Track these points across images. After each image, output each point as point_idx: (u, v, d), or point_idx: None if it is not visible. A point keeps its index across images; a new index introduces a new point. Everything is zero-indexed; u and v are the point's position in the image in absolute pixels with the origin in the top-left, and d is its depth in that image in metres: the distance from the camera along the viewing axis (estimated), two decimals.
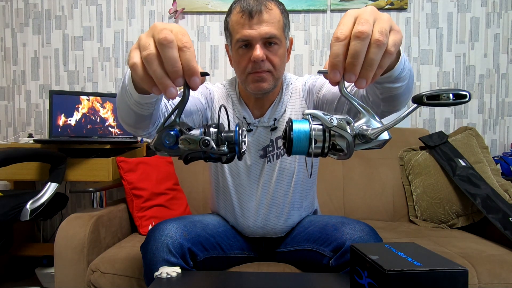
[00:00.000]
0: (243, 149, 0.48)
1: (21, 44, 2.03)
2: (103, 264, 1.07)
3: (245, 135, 0.49)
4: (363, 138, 0.45)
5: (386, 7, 1.91)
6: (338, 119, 0.44)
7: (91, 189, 1.40)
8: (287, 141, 0.46)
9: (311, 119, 0.46)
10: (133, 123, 0.66)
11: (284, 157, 0.97)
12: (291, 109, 0.96)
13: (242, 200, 1.00)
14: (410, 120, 1.95)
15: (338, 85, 0.45)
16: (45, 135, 2.03)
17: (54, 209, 1.46)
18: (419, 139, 1.66)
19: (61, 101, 1.70)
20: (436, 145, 1.58)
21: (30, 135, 1.81)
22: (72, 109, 1.71)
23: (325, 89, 0.89)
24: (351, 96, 0.47)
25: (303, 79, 0.99)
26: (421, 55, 1.96)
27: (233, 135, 0.47)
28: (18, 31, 2.03)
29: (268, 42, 0.84)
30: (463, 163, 1.46)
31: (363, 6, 1.56)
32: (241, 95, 0.98)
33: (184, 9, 1.95)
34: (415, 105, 0.45)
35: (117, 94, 0.64)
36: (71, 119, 1.71)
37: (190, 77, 0.43)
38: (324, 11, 1.96)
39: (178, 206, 1.49)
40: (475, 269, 1.02)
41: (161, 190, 1.45)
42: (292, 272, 0.98)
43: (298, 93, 0.98)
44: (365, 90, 0.71)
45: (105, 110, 1.77)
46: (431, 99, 0.43)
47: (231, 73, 2.00)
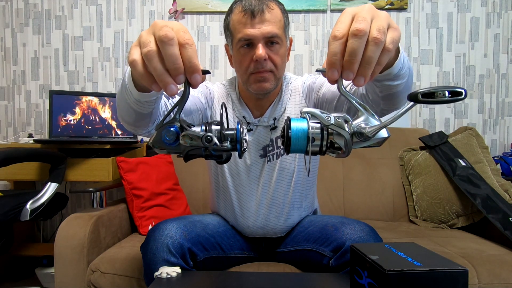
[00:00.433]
0: (244, 147, 0.48)
1: (21, 44, 2.04)
2: (103, 264, 1.07)
3: (246, 133, 0.49)
4: (361, 136, 0.45)
5: (386, 7, 1.91)
6: (335, 117, 0.45)
7: (91, 189, 1.40)
8: (285, 139, 0.46)
9: (309, 118, 0.46)
10: (132, 121, 0.66)
11: (284, 156, 0.96)
12: (291, 109, 0.96)
13: (242, 200, 1.00)
14: (410, 120, 1.95)
15: (336, 84, 0.45)
16: (45, 135, 2.03)
17: (54, 209, 1.46)
18: (419, 139, 1.66)
19: (61, 101, 1.70)
20: (436, 145, 1.58)
21: (30, 135, 1.81)
22: (72, 109, 1.71)
23: (325, 88, 0.89)
24: (350, 94, 0.47)
25: (302, 79, 0.99)
26: (421, 55, 1.96)
27: (235, 132, 0.47)
28: (18, 31, 2.03)
29: (270, 41, 0.84)
30: (463, 163, 1.46)
31: None
32: (241, 94, 0.98)
33: (184, 9, 1.95)
34: (411, 103, 0.45)
35: (117, 92, 0.64)
36: (71, 119, 1.71)
37: (191, 74, 0.43)
38: (324, 11, 1.96)
39: (178, 206, 1.49)
40: (475, 269, 1.02)
41: (161, 190, 1.45)
42: (292, 272, 0.98)
43: (297, 92, 0.98)
44: (365, 88, 0.71)
45: (105, 110, 1.77)
46: (427, 97, 0.43)
47: (231, 73, 2.00)
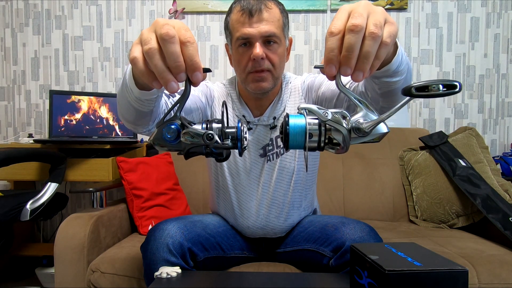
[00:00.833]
0: (244, 145, 0.49)
1: (21, 44, 2.04)
2: (103, 264, 1.07)
3: (246, 131, 0.50)
4: (358, 131, 0.45)
5: (386, 7, 1.91)
6: (333, 113, 0.45)
7: (91, 189, 1.40)
8: (284, 135, 0.47)
9: (306, 114, 0.46)
10: (133, 119, 0.66)
11: (283, 156, 0.97)
12: (291, 108, 0.96)
13: (241, 200, 1.00)
14: (410, 120, 1.95)
15: (334, 80, 0.46)
16: (45, 135, 2.03)
17: (54, 209, 1.46)
18: (419, 139, 1.66)
19: (61, 101, 1.70)
20: (436, 145, 1.58)
21: (30, 135, 1.81)
22: (72, 109, 1.71)
23: (324, 86, 0.89)
24: (348, 90, 0.47)
25: (302, 78, 1.00)
26: (421, 55, 1.96)
27: (236, 130, 0.47)
28: (18, 31, 2.03)
29: (267, 40, 0.84)
30: (463, 163, 1.46)
31: None
32: (240, 94, 0.98)
33: (184, 9, 1.95)
34: (407, 98, 0.45)
35: (118, 90, 0.64)
36: (71, 119, 1.71)
37: (192, 72, 0.43)
38: (324, 11, 1.96)
39: (178, 206, 1.49)
40: (475, 269, 1.02)
41: (161, 190, 1.45)
42: (292, 272, 0.98)
43: (297, 91, 0.98)
44: (364, 86, 0.71)
45: (105, 110, 1.77)
46: (421, 90, 0.43)
47: (231, 73, 2.00)
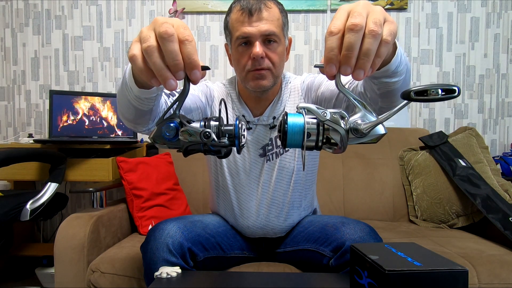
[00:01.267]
0: (242, 143, 0.49)
1: (21, 44, 2.03)
2: (103, 264, 1.07)
3: (244, 129, 0.50)
4: (356, 132, 0.45)
5: (386, 7, 1.91)
6: (331, 113, 0.45)
7: (91, 189, 1.40)
8: (282, 133, 0.47)
9: (305, 113, 0.46)
10: (133, 118, 0.66)
11: (283, 155, 0.97)
12: (290, 108, 0.97)
13: (241, 200, 1.00)
14: (410, 120, 1.95)
15: (334, 79, 0.46)
16: (45, 135, 2.03)
17: (54, 209, 1.46)
18: (419, 139, 1.66)
19: (61, 101, 1.70)
20: (436, 145, 1.58)
21: (30, 135, 1.81)
22: (72, 109, 1.71)
23: (324, 86, 0.89)
24: (347, 90, 0.47)
25: (301, 78, 1.00)
26: (421, 55, 1.96)
27: (233, 128, 0.48)
28: (18, 31, 2.03)
29: (267, 39, 0.85)
30: (463, 163, 1.46)
31: None
32: (240, 93, 0.99)
33: (184, 9, 1.95)
34: (405, 101, 0.45)
35: (118, 89, 0.64)
36: (71, 119, 1.71)
37: (190, 70, 0.43)
38: (324, 11, 1.96)
39: (178, 206, 1.49)
40: (475, 269, 1.02)
41: (161, 190, 1.45)
42: (292, 272, 0.98)
43: (297, 91, 0.98)
44: (363, 86, 0.71)
45: (105, 110, 1.77)
46: (420, 95, 0.43)
47: (231, 73, 2.00)
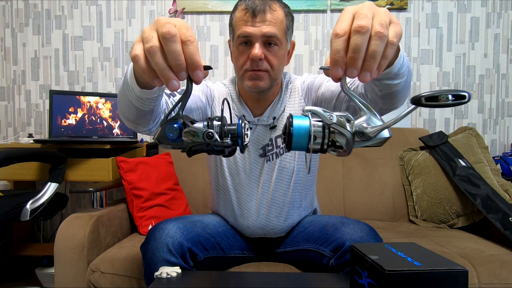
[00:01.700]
0: (245, 142, 0.49)
1: (21, 44, 2.03)
2: (103, 264, 1.07)
3: (248, 128, 0.50)
4: (362, 135, 0.45)
5: (386, 7, 1.91)
6: (338, 116, 0.45)
7: (91, 189, 1.40)
8: (287, 136, 0.47)
9: (311, 116, 0.46)
10: (133, 118, 0.66)
11: (283, 156, 0.97)
12: (290, 108, 0.97)
13: (241, 200, 1.00)
14: (410, 120, 1.95)
15: (340, 82, 0.45)
16: (45, 135, 2.03)
17: (54, 209, 1.46)
18: (419, 139, 1.66)
19: (61, 101, 1.70)
20: (436, 145, 1.58)
21: (30, 135, 1.81)
22: (72, 109, 1.71)
23: (324, 87, 0.89)
24: (352, 93, 0.47)
25: (302, 78, 1.00)
26: (421, 55, 1.96)
27: (236, 128, 0.48)
28: (18, 31, 2.03)
29: (268, 42, 0.85)
30: (463, 163, 1.46)
31: None
32: (240, 93, 0.99)
33: (184, 9, 1.95)
34: (413, 106, 0.45)
35: (119, 89, 0.64)
36: (71, 119, 1.71)
37: (193, 70, 0.43)
38: (324, 11, 1.96)
39: (178, 206, 1.49)
40: (475, 269, 1.02)
41: (161, 190, 1.45)
42: (292, 272, 0.98)
43: (297, 92, 0.98)
44: (364, 88, 0.71)
45: (105, 110, 1.77)
46: (430, 100, 0.43)
47: (231, 72, 2.00)
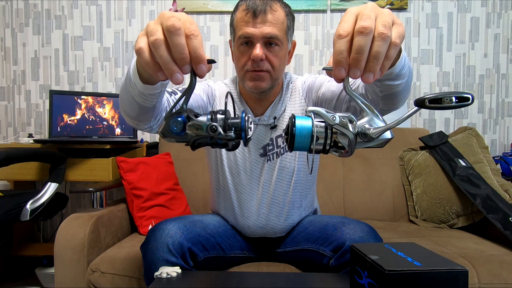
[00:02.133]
0: (249, 135, 0.49)
1: (21, 44, 2.03)
2: (103, 264, 1.07)
3: (251, 122, 0.50)
4: (364, 136, 0.45)
5: (386, 7, 1.91)
6: (340, 117, 0.45)
7: (91, 189, 1.40)
8: (289, 136, 0.47)
9: (313, 116, 0.46)
10: (135, 115, 0.66)
11: (284, 155, 0.97)
12: (291, 108, 0.97)
13: (242, 199, 1.00)
14: (410, 120, 1.95)
15: (342, 83, 0.45)
16: (45, 135, 2.03)
17: (54, 209, 1.46)
18: (419, 139, 1.66)
19: (61, 101, 1.70)
20: (436, 145, 1.58)
21: (30, 135, 1.81)
22: (72, 109, 1.71)
23: (325, 87, 0.89)
24: (355, 94, 0.47)
25: (302, 78, 1.00)
26: (421, 55, 1.96)
27: (240, 121, 0.48)
28: (18, 31, 2.03)
29: (269, 42, 0.85)
30: (463, 163, 1.46)
31: None
32: (241, 93, 0.99)
33: (184, 9, 1.95)
34: (416, 108, 0.44)
35: (121, 85, 0.64)
36: (71, 119, 1.71)
37: (197, 64, 0.43)
38: (324, 11, 1.96)
39: (178, 206, 1.49)
40: (475, 269, 1.02)
41: (161, 190, 1.45)
42: (292, 272, 0.98)
43: (298, 92, 0.98)
44: (364, 88, 0.71)
45: (105, 110, 1.77)
46: (434, 103, 0.43)
47: (231, 72, 2.00)
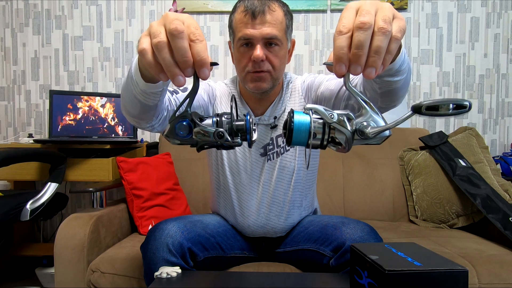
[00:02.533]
0: (253, 138, 0.50)
1: (21, 44, 2.03)
2: (103, 264, 1.07)
3: (255, 123, 0.50)
4: (362, 134, 0.45)
5: None
6: (338, 115, 0.45)
7: (91, 189, 1.40)
8: (287, 131, 0.47)
9: (312, 113, 0.46)
10: (137, 114, 0.66)
11: (284, 155, 0.97)
12: (291, 108, 0.97)
13: (242, 199, 1.00)
14: (410, 120, 1.95)
15: (343, 79, 0.45)
16: (45, 135, 2.03)
17: (54, 209, 1.46)
18: (419, 139, 1.66)
19: (61, 101, 1.70)
20: (436, 145, 1.58)
21: (30, 135, 1.81)
22: (72, 109, 1.71)
23: (323, 86, 0.90)
24: (355, 90, 0.46)
25: (302, 78, 1.00)
26: (421, 55, 1.96)
27: (245, 123, 0.48)
28: (18, 31, 2.03)
29: (269, 42, 0.85)
30: (463, 163, 1.46)
31: None
32: (241, 93, 0.99)
33: (184, 9, 1.95)
34: (411, 112, 0.44)
35: (122, 84, 0.64)
36: (71, 119, 1.71)
37: (200, 68, 0.43)
38: (324, 11, 1.96)
39: (178, 206, 1.49)
40: (475, 269, 1.02)
41: (161, 190, 1.45)
42: (292, 272, 0.98)
43: (297, 91, 0.98)
44: (362, 86, 0.71)
45: (105, 110, 1.77)
46: (431, 109, 0.42)
47: (231, 73, 2.00)
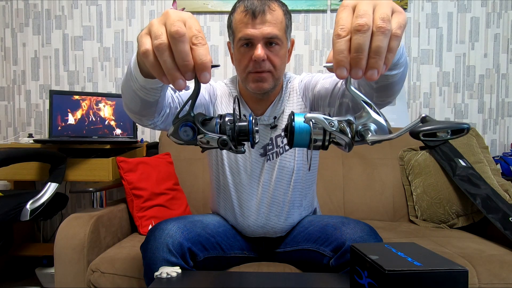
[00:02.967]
0: (256, 140, 0.50)
1: (21, 44, 2.03)
2: (103, 264, 1.07)
3: (258, 124, 0.50)
4: (362, 137, 0.45)
5: None
6: (339, 122, 0.45)
7: (91, 189, 1.40)
8: (289, 133, 0.47)
9: (312, 123, 0.46)
10: (138, 110, 0.66)
11: (283, 155, 0.97)
12: (289, 108, 0.97)
13: (242, 199, 1.00)
14: (410, 120, 1.95)
15: (344, 80, 0.45)
16: (45, 135, 2.03)
17: (54, 209, 1.46)
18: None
19: (61, 101, 1.70)
20: (436, 145, 1.58)
21: (30, 135, 1.81)
22: (72, 109, 1.71)
23: (320, 85, 0.90)
24: (356, 92, 0.46)
25: (299, 77, 1.00)
26: (421, 55, 1.96)
27: (247, 124, 0.49)
28: (18, 31, 2.03)
29: (269, 42, 0.85)
30: (463, 163, 1.46)
31: None
32: (241, 93, 0.99)
33: (184, 9, 1.95)
34: (408, 131, 0.44)
35: (122, 80, 0.64)
36: (71, 119, 1.71)
37: (200, 72, 0.42)
38: (324, 11, 1.96)
39: (178, 206, 1.49)
40: (475, 269, 1.02)
41: (161, 190, 1.45)
42: (292, 272, 0.98)
43: (295, 91, 0.98)
44: (357, 82, 0.70)
45: (105, 110, 1.77)
46: (428, 136, 0.42)
47: (230, 73, 2.00)
